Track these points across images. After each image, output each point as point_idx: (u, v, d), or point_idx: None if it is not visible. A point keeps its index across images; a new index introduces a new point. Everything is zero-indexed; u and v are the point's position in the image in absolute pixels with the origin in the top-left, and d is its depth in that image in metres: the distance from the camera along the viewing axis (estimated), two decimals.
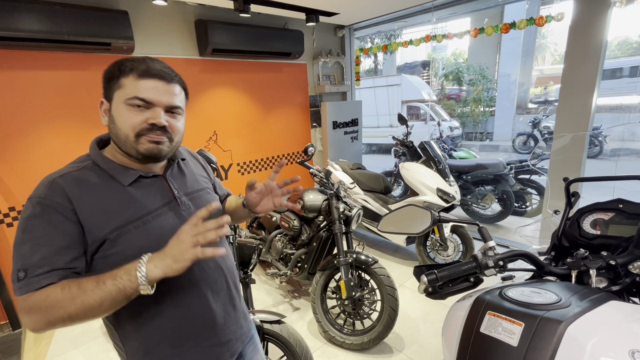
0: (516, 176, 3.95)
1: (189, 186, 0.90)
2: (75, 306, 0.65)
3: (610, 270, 0.86)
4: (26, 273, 0.67)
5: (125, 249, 0.74)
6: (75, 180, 0.74)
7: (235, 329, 0.94)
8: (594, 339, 0.58)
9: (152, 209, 0.79)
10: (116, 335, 0.83)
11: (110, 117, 0.76)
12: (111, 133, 0.78)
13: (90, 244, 0.72)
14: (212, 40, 2.98)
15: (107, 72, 0.76)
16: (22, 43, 2.21)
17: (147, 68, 0.74)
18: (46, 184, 0.73)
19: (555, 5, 6.09)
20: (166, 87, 0.76)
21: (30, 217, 0.70)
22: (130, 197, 0.77)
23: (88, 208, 0.72)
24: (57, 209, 0.70)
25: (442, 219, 1.01)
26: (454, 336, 0.77)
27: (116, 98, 0.75)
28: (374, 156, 10.43)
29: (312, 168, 2.44)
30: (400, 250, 3.47)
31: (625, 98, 8.58)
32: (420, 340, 2.17)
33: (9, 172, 2.36)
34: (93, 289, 0.65)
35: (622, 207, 1.00)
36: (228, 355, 0.92)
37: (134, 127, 0.74)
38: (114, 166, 0.78)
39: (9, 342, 2.28)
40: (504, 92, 10.73)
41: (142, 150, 0.76)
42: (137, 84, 0.73)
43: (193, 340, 0.84)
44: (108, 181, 0.77)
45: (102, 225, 0.73)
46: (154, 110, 0.75)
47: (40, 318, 0.66)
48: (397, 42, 3.88)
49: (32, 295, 0.66)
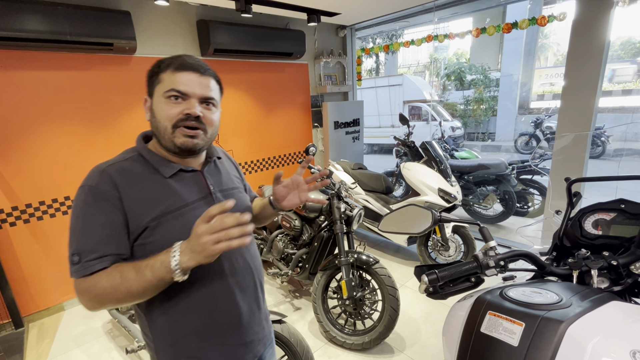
0: (518, 176, 3.94)
1: (224, 183, 0.94)
2: (121, 293, 0.72)
3: (612, 271, 0.85)
4: (80, 257, 0.73)
5: (162, 238, 0.78)
6: (122, 169, 0.79)
7: (258, 329, 0.95)
8: (594, 339, 0.58)
9: (189, 201, 0.84)
10: (146, 324, 0.86)
11: (152, 111, 0.83)
12: (152, 127, 0.84)
13: (132, 231, 0.77)
14: (214, 40, 2.99)
15: (149, 71, 0.83)
16: (25, 43, 2.22)
17: (182, 62, 0.80)
18: (98, 172, 0.78)
19: (557, 5, 6.07)
20: (200, 80, 0.81)
21: (83, 204, 0.76)
22: (170, 188, 0.82)
23: (132, 196, 0.77)
24: (106, 197, 0.75)
25: (442, 218, 1.00)
26: (455, 336, 0.77)
27: (156, 93, 0.81)
28: (376, 156, 10.42)
29: (314, 168, 2.44)
30: (401, 251, 3.46)
31: (627, 99, 8.54)
32: (422, 341, 2.16)
33: (12, 172, 2.38)
34: (134, 278, 0.71)
35: (624, 207, 1.00)
36: (250, 357, 0.93)
37: (171, 118, 0.79)
38: (157, 158, 0.84)
39: (11, 341, 2.29)
40: (506, 92, 10.69)
41: (178, 143, 0.80)
42: (174, 77, 0.79)
43: (218, 336, 0.87)
44: (151, 172, 0.82)
45: (144, 213, 0.78)
46: (189, 101, 0.80)
47: (92, 301, 0.73)
48: (399, 42, 3.87)
49: (85, 280, 0.73)
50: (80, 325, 2.53)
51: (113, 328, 2.45)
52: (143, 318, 0.86)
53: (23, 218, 2.46)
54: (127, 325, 2.05)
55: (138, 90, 2.83)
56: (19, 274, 2.49)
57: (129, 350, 1.82)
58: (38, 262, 2.56)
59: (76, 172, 2.62)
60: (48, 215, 2.55)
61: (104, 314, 2.58)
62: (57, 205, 2.58)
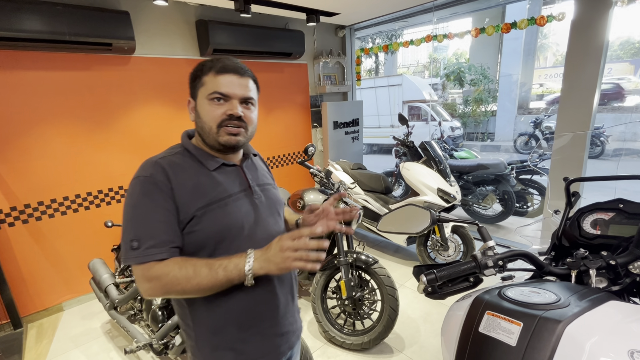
0: (517, 176, 3.94)
1: (260, 178, 1.00)
2: (190, 286, 0.76)
3: (610, 270, 0.85)
4: (139, 243, 0.77)
5: (208, 226, 0.83)
6: (172, 162, 0.85)
7: (292, 321, 1.00)
8: (592, 339, 0.58)
9: (232, 192, 0.89)
10: (188, 314, 0.89)
11: (196, 112, 0.88)
12: (197, 127, 0.90)
13: (182, 220, 0.82)
14: (213, 40, 2.99)
15: (191, 74, 0.88)
16: (24, 43, 2.22)
17: (223, 65, 0.85)
18: (151, 164, 0.84)
19: (556, 5, 6.08)
20: (240, 81, 0.86)
21: (140, 194, 0.80)
22: (215, 180, 0.88)
23: (182, 186, 0.82)
24: (161, 187, 0.80)
25: (441, 218, 1.00)
26: (453, 336, 0.77)
27: (200, 95, 0.86)
28: (375, 156, 10.42)
29: (313, 168, 2.44)
30: (400, 251, 3.46)
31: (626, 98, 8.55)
32: (421, 341, 2.16)
33: (11, 172, 2.37)
34: (207, 274, 0.76)
35: (622, 207, 1.00)
36: (286, 348, 0.97)
37: (216, 119, 0.85)
38: (202, 153, 0.90)
39: (10, 341, 2.29)
40: (506, 92, 10.69)
41: (222, 141, 0.86)
42: (216, 79, 0.84)
43: (257, 326, 0.90)
44: (197, 166, 0.88)
45: (193, 203, 0.82)
46: (231, 102, 0.85)
47: (158, 288, 0.77)
48: (398, 42, 3.87)
49: (154, 267, 0.76)
50: (79, 325, 2.52)
51: (112, 328, 2.45)
52: (185, 307, 0.89)
53: (22, 218, 2.46)
54: (126, 326, 2.05)
55: (137, 90, 2.83)
56: (18, 274, 2.49)
57: (127, 350, 1.82)
58: (37, 262, 2.56)
59: (75, 172, 2.62)
60: (47, 215, 2.55)
61: (103, 314, 2.58)
62: (56, 206, 2.58)
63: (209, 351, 0.89)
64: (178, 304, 0.92)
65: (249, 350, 0.89)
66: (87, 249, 2.76)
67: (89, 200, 2.72)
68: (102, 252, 2.77)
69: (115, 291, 2.19)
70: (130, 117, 2.82)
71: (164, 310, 1.86)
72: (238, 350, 0.88)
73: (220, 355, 0.88)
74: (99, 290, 2.26)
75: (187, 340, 0.93)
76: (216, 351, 0.88)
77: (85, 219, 2.73)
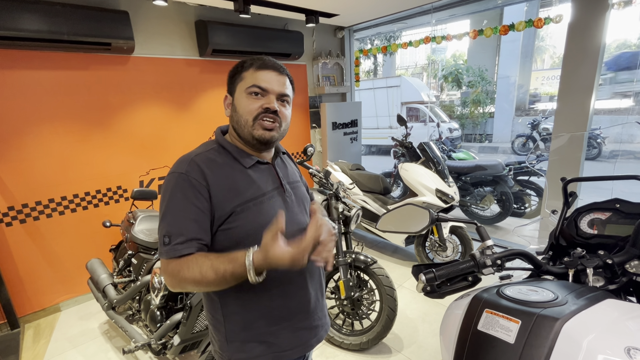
0: (515, 177, 3.96)
1: (290, 176, 1.02)
2: (205, 285, 0.78)
3: (607, 269, 0.86)
4: (170, 239, 0.80)
5: (244, 224, 0.85)
6: (208, 159, 0.87)
7: (321, 315, 1.02)
8: (590, 336, 0.58)
9: (266, 191, 0.91)
10: (218, 307, 0.91)
11: (233, 107, 0.91)
12: (232, 121, 0.92)
13: (218, 217, 0.84)
14: (212, 40, 2.99)
15: (230, 71, 0.92)
16: (23, 43, 2.22)
17: (263, 62, 0.88)
18: (187, 161, 0.85)
19: (554, 7, 6.12)
20: (278, 78, 0.89)
21: (174, 190, 0.83)
22: (251, 178, 0.90)
23: (219, 184, 0.84)
24: (195, 186, 0.82)
25: (440, 218, 1.01)
26: (452, 334, 0.77)
27: (238, 90, 0.89)
28: (374, 157, 10.44)
29: (312, 168, 2.44)
30: (399, 251, 3.47)
31: (623, 101, 8.61)
32: (419, 341, 2.17)
33: (8, 171, 2.36)
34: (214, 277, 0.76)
35: (619, 207, 1.01)
36: (315, 341, 0.99)
37: (252, 111, 0.87)
38: (237, 149, 0.91)
39: (7, 342, 2.28)
40: (503, 94, 10.74)
41: (257, 135, 0.88)
42: (256, 74, 0.87)
43: (288, 320, 0.92)
44: (232, 163, 0.90)
45: (230, 200, 0.84)
46: (268, 97, 0.87)
47: (176, 283, 0.80)
48: (397, 44, 3.89)
49: (172, 262, 0.79)
50: (77, 326, 2.51)
51: (110, 329, 2.44)
52: (216, 302, 0.91)
53: (19, 218, 2.45)
54: (124, 326, 2.04)
55: (136, 90, 2.83)
56: (15, 274, 2.48)
57: (126, 350, 1.82)
58: (34, 262, 2.55)
59: (73, 172, 2.61)
60: (45, 215, 2.54)
61: (100, 315, 2.57)
62: (54, 206, 2.57)
63: (239, 344, 0.90)
64: (208, 298, 0.93)
65: (280, 343, 0.91)
66: (85, 249, 2.75)
67: (87, 200, 2.71)
68: (100, 252, 2.76)
69: (114, 291, 2.18)
70: (129, 117, 2.81)
71: (163, 310, 1.86)
72: (269, 342, 0.90)
73: (251, 348, 0.90)
74: (97, 290, 2.26)
75: (216, 334, 0.94)
76: (247, 344, 0.90)
77: (84, 219, 2.72)
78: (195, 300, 1.61)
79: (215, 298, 0.91)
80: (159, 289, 1.78)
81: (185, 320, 1.64)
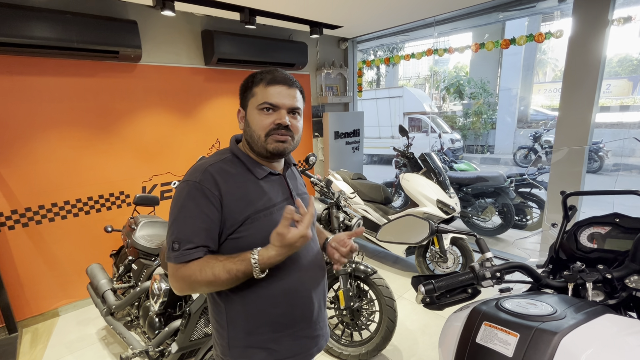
0: (516, 189, 3.95)
1: (298, 188, 1.05)
2: (218, 285, 0.83)
3: (607, 284, 0.86)
4: (179, 245, 0.83)
5: (254, 233, 0.87)
6: (221, 169, 0.89)
7: (322, 325, 1.04)
8: (588, 351, 0.58)
9: (277, 202, 0.94)
10: (223, 313, 0.92)
11: (246, 121, 0.93)
12: (246, 135, 0.94)
13: (229, 227, 0.86)
14: (218, 50, 3.04)
15: (242, 85, 0.94)
16: (34, 50, 2.27)
17: (273, 77, 0.90)
18: (200, 171, 0.87)
19: (555, 22, 6.20)
20: (288, 92, 0.90)
21: (186, 198, 0.85)
22: (262, 189, 0.92)
23: (231, 194, 0.87)
24: (207, 195, 0.84)
25: (440, 229, 1.02)
26: (451, 346, 0.77)
27: (250, 105, 0.91)
28: (375, 167, 10.45)
29: (313, 177, 2.46)
30: (399, 261, 3.45)
31: (625, 115, 8.63)
32: (419, 353, 2.14)
33: (13, 175, 2.39)
34: (227, 277, 0.81)
35: (618, 221, 1.01)
36: (315, 350, 1.02)
37: (265, 127, 0.89)
38: (250, 160, 0.94)
39: (4, 346, 2.26)
40: (505, 106, 10.80)
41: (270, 148, 0.90)
42: (266, 90, 0.89)
43: (291, 327, 0.94)
44: (245, 173, 0.92)
45: (242, 210, 0.87)
46: (279, 112, 0.89)
47: (186, 286, 0.84)
48: (400, 55, 3.94)
49: (181, 268, 0.82)
50: (75, 331, 2.50)
51: (107, 335, 2.43)
52: (221, 307, 0.92)
53: (22, 222, 2.46)
54: (122, 332, 2.03)
55: (141, 98, 2.87)
56: (15, 277, 2.48)
57: (123, 357, 1.80)
58: (35, 266, 2.55)
59: (77, 177, 2.64)
60: (47, 219, 2.56)
61: (98, 320, 2.56)
62: (57, 210, 2.59)
63: (241, 350, 0.91)
64: (213, 302, 0.95)
65: (281, 350, 0.92)
66: (85, 253, 2.75)
67: (89, 205, 2.73)
68: (101, 257, 2.77)
69: (113, 297, 2.18)
70: (134, 124, 2.85)
71: (161, 317, 1.85)
72: (270, 349, 0.91)
73: (252, 353, 0.91)
74: (97, 295, 2.25)
75: (218, 339, 0.95)
76: (248, 349, 0.91)
77: (86, 224, 2.73)
78: (194, 308, 1.61)
79: (221, 303, 0.92)
80: (159, 296, 1.77)
81: (184, 327, 1.63)
